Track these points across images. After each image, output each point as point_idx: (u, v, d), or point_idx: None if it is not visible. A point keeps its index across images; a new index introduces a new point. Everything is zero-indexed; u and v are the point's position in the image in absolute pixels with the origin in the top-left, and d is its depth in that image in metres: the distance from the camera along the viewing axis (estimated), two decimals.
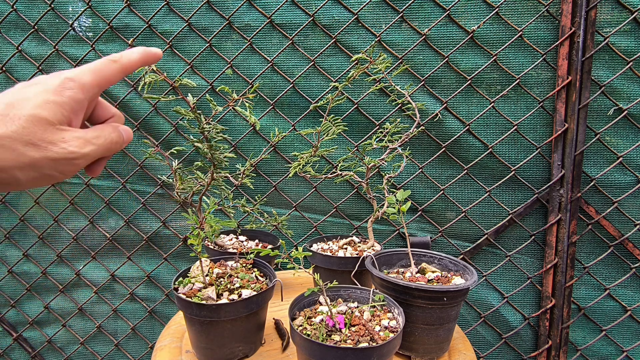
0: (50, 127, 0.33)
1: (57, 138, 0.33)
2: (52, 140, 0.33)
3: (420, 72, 1.13)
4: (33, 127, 0.32)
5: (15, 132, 0.31)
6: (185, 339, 0.79)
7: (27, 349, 1.38)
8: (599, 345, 1.20)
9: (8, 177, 0.32)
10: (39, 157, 0.32)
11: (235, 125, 1.22)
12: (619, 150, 1.11)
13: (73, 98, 0.34)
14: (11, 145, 0.31)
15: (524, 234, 1.18)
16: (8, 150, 0.31)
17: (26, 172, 0.32)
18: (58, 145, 0.33)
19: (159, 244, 1.30)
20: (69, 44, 1.21)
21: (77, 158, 0.34)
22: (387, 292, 0.72)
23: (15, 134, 0.31)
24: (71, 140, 0.34)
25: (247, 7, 1.16)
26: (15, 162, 0.31)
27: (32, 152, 0.32)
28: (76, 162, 0.34)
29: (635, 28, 1.05)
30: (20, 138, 0.31)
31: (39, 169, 0.33)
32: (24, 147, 0.31)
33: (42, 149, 0.32)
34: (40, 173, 0.33)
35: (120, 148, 0.40)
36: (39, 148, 0.32)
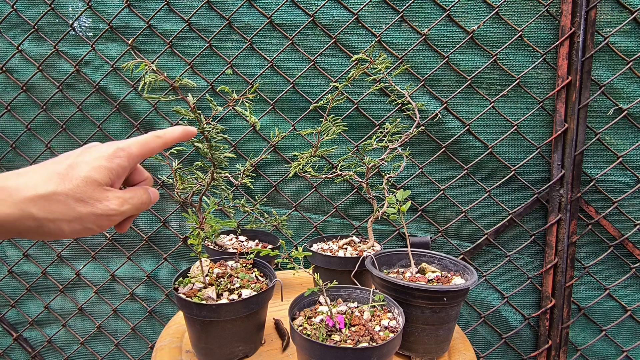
0: (99, 188, 0.39)
1: (102, 196, 0.39)
2: (98, 199, 0.39)
3: (420, 72, 1.13)
4: (86, 187, 0.38)
5: (71, 189, 0.37)
6: (185, 339, 0.79)
7: (27, 349, 1.38)
8: (599, 345, 1.21)
9: (55, 228, 0.37)
10: (85, 212, 0.38)
11: (235, 125, 1.22)
12: (619, 150, 1.11)
13: (121, 165, 0.41)
14: (65, 201, 0.37)
15: (524, 234, 1.18)
16: (61, 205, 0.36)
17: (72, 224, 0.37)
18: (102, 202, 0.39)
19: (159, 244, 1.30)
20: (69, 44, 1.21)
21: (115, 215, 0.40)
22: (387, 292, 0.72)
23: (71, 192, 0.37)
24: (113, 199, 0.40)
25: (247, 7, 1.16)
26: (64, 215, 0.37)
27: (81, 207, 0.37)
28: (113, 218, 0.40)
29: (635, 28, 1.05)
30: (74, 195, 0.37)
31: (83, 223, 0.38)
32: (75, 203, 0.37)
33: (90, 205, 0.38)
34: (83, 226, 0.38)
35: (148, 208, 0.46)
36: (87, 204, 0.38)
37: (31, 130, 1.26)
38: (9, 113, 1.26)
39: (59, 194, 0.36)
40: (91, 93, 1.23)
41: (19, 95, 1.24)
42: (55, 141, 1.27)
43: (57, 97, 1.24)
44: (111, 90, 1.22)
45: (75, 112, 1.24)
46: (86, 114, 1.24)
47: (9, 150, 1.27)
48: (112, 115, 1.24)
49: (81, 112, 1.24)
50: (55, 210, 0.36)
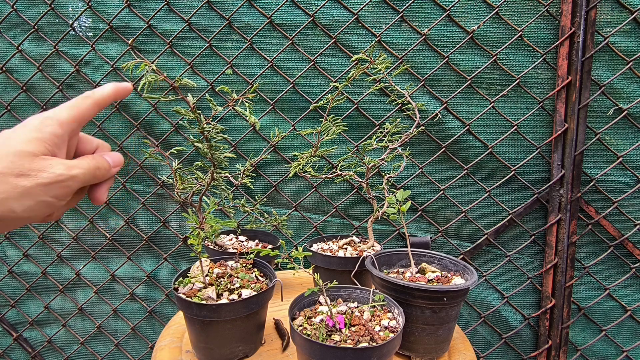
0: (36, 158, 0.36)
1: (44, 165, 0.36)
2: (40, 168, 0.36)
3: (420, 72, 1.13)
4: (21, 160, 0.35)
5: (6, 167, 0.35)
6: (185, 339, 0.79)
7: (27, 349, 1.38)
8: (599, 345, 1.21)
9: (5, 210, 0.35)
10: (30, 185, 0.35)
11: (235, 125, 1.22)
12: (619, 150, 1.11)
13: (52, 133, 0.38)
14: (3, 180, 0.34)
15: (524, 234, 1.18)
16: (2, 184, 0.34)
17: (21, 201, 0.35)
18: (46, 171, 0.36)
19: (159, 244, 1.30)
20: (69, 44, 1.21)
21: (66, 180, 0.37)
22: (387, 292, 0.72)
23: (6, 169, 0.35)
24: (57, 165, 0.37)
25: (247, 7, 1.16)
26: (9, 194, 0.35)
27: (24, 181, 0.35)
28: (66, 184, 0.38)
29: (635, 28, 1.05)
30: (11, 172, 0.35)
31: (33, 197, 0.36)
32: (16, 179, 0.35)
33: (33, 177, 0.36)
34: (35, 200, 0.36)
35: (109, 173, 0.44)
36: (29, 177, 0.35)
37: None
38: (9, 113, 1.26)
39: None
40: None
41: (19, 95, 1.24)
42: None
43: (57, 97, 1.24)
44: None
45: None
46: None
47: None
48: (112, 115, 1.24)
49: None
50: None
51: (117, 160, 0.44)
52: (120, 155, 0.45)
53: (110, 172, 0.44)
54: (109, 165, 0.43)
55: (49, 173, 0.36)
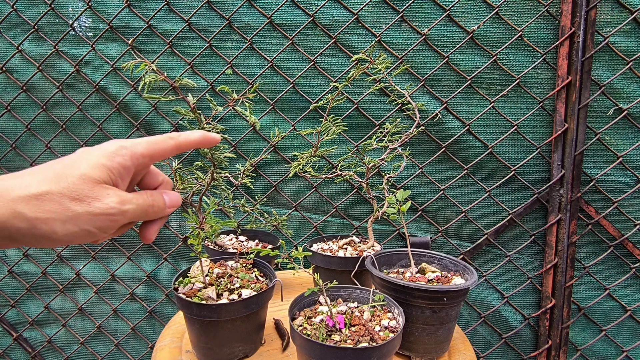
0: (97, 186, 0.36)
1: (100, 194, 0.36)
2: (96, 196, 0.36)
3: (420, 72, 1.13)
4: (82, 185, 0.35)
5: (65, 188, 0.34)
6: (185, 339, 0.79)
7: (27, 349, 1.38)
8: (599, 345, 1.21)
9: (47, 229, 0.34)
10: (81, 212, 0.35)
11: (235, 125, 1.22)
12: (619, 150, 1.11)
13: (122, 164, 0.38)
14: (59, 200, 0.34)
15: (524, 234, 1.18)
16: (55, 204, 0.34)
17: (66, 225, 0.35)
18: (100, 200, 0.36)
19: (159, 244, 1.30)
20: (69, 44, 1.21)
21: (116, 214, 0.37)
22: (387, 292, 0.72)
23: (65, 190, 0.34)
24: (112, 197, 0.37)
25: (247, 7, 1.16)
26: (57, 215, 0.34)
27: (76, 206, 0.35)
28: (114, 218, 0.37)
29: (635, 28, 1.05)
30: (69, 194, 0.35)
31: (78, 223, 0.35)
32: (70, 202, 0.34)
33: (86, 204, 0.35)
34: (79, 227, 0.35)
35: (164, 213, 0.42)
36: (82, 203, 0.35)
37: (31, 130, 1.26)
38: (9, 113, 1.26)
39: (53, 193, 0.34)
40: (91, 93, 1.23)
41: (19, 95, 1.24)
42: (55, 141, 1.27)
43: (57, 97, 1.24)
44: (111, 90, 1.22)
45: (75, 112, 1.24)
46: (86, 114, 1.25)
47: (9, 150, 1.27)
48: (112, 115, 1.24)
49: (81, 112, 1.24)
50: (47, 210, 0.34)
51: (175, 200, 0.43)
52: (179, 196, 0.44)
53: (165, 212, 0.42)
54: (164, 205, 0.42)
55: (102, 203, 0.36)
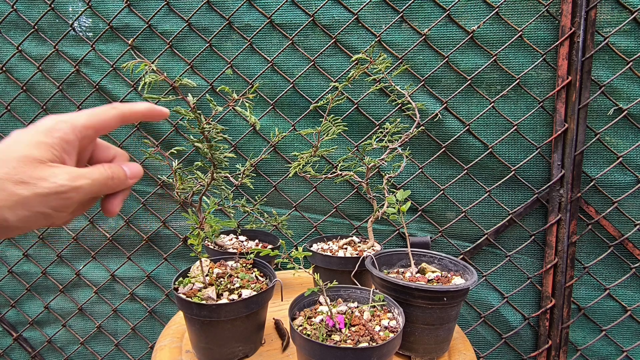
0: (40, 165, 0.34)
1: (47, 174, 0.34)
2: (41, 176, 0.33)
3: (420, 72, 1.13)
4: (24, 167, 0.33)
5: (6, 173, 0.32)
6: (185, 339, 0.79)
7: (27, 349, 1.38)
8: (599, 345, 1.20)
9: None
10: (28, 194, 0.33)
11: (235, 125, 1.22)
12: (619, 150, 1.11)
13: (63, 138, 0.36)
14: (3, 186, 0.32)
15: (524, 234, 1.18)
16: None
17: (16, 211, 0.32)
18: (48, 180, 0.33)
19: (159, 244, 1.30)
20: (69, 44, 1.21)
21: (67, 191, 0.34)
22: (387, 292, 0.72)
23: (7, 175, 0.32)
24: (61, 175, 0.34)
25: (247, 7, 1.16)
26: (4, 202, 0.32)
27: (22, 189, 0.32)
28: (67, 196, 0.35)
29: (635, 28, 1.05)
30: (11, 178, 0.32)
31: (29, 207, 0.33)
32: (14, 186, 0.32)
33: (32, 186, 0.33)
34: (31, 211, 0.33)
35: (124, 184, 0.40)
36: (28, 185, 0.33)
37: None
38: (9, 113, 1.26)
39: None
40: (91, 93, 1.23)
41: (19, 95, 1.24)
42: None
43: (57, 97, 1.24)
44: (111, 90, 1.22)
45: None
46: None
47: None
48: None
49: None
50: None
51: (135, 171, 0.41)
52: (140, 167, 0.42)
53: (127, 182, 0.40)
54: (126, 176, 0.40)
55: (50, 183, 0.33)
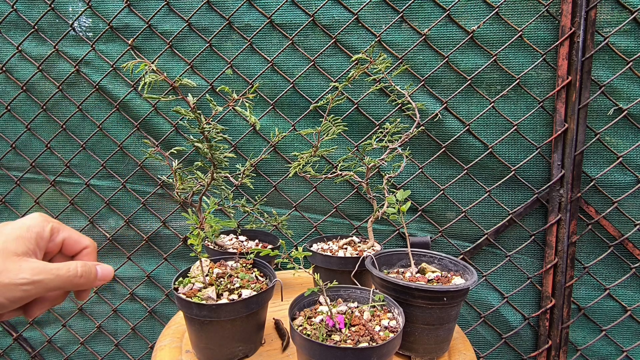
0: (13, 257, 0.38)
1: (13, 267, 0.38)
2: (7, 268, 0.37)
3: (420, 72, 1.13)
4: None
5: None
6: (185, 339, 0.79)
7: (27, 349, 1.38)
8: (599, 345, 1.21)
9: None
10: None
11: (235, 125, 1.22)
12: (619, 150, 1.11)
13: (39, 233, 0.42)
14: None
15: (524, 234, 1.18)
16: None
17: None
18: (11, 272, 0.37)
19: (159, 244, 1.30)
20: (69, 44, 1.21)
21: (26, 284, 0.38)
22: (387, 292, 0.72)
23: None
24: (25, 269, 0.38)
25: (247, 7, 1.16)
26: None
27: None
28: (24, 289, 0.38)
29: (635, 28, 1.05)
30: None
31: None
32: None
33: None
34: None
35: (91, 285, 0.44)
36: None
37: (31, 130, 1.26)
38: (9, 113, 1.26)
39: None
40: (91, 93, 1.23)
41: (19, 95, 1.24)
42: (55, 141, 1.27)
43: (57, 97, 1.24)
44: (111, 90, 1.22)
45: (75, 112, 1.24)
46: (86, 114, 1.25)
47: (9, 150, 1.27)
48: (112, 115, 1.24)
49: (81, 112, 1.24)
50: None
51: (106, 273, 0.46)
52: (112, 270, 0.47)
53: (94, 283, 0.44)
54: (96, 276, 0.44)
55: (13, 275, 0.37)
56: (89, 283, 0.44)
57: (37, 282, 0.39)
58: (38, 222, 0.42)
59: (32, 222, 0.42)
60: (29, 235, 0.41)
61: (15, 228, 0.40)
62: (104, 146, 1.26)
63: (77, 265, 0.42)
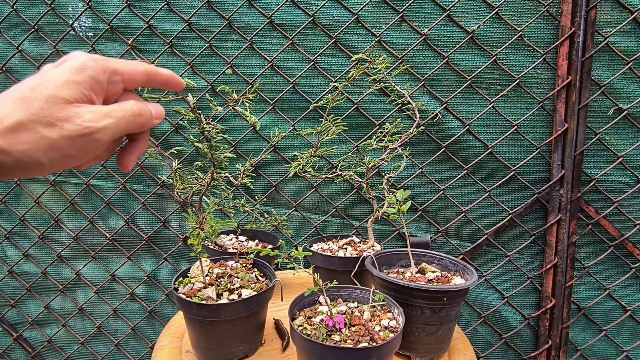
0: (67, 105, 0.33)
1: (71, 114, 0.33)
2: (66, 118, 0.33)
3: (420, 72, 1.13)
4: (51, 107, 0.32)
5: (35, 114, 0.32)
6: (185, 339, 0.79)
7: (27, 349, 1.38)
8: (599, 345, 1.20)
9: (31, 161, 0.32)
10: (56, 137, 0.32)
11: (235, 125, 1.22)
12: (619, 150, 1.11)
13: (93, 77, 0.35)
14: (34, 128, 0.31)
15: (524, 234, 1.18)
16: (31, 133, 0.31)
17: (48, 153, 0.32)
18: (72, 121, 0.33)
19: (159, 244, 1.30)
20: (69, 44, 1.21)
21: (94, 132, 0.34)
22: (387, 292, 0.72)
23: (35, 116, 0.32)
24: (85, 115, 0.33)
25: (247, 7, 1.16)
26: (36, 145, 0.32)
27: (51, 132, 0.32)
28: (94, 137, 0.34)
29: (635, 28, 1.05)
30: (40, 120, 0.32)
31: (59, 150, 0.33)
32: (44, 129, 0.32)
33: (59, 128, 0.32)
34: (61, 154, 0.33)
35: (149, 124, 0.39)
36: (55, 127, 0.32)
37: None
38: None
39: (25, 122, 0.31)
40: None
41: None
42: None
43: None
44: None
45: None
46: None
47: None
48: None
49: None
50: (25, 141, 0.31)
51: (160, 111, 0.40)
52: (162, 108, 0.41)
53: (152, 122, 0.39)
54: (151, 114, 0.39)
55: (75, 125, 0.33)
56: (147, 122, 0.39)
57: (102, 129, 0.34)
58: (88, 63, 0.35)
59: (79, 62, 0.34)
60: (81, 79, 0.34)
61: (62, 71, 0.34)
62: None
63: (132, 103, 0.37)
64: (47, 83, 0.33)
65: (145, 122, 0.38)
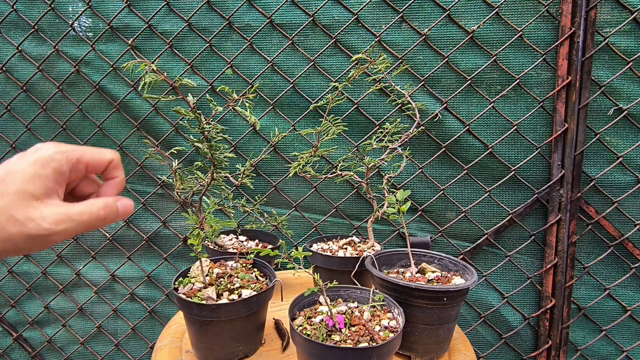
0: (34, 202, 0.35)
1: (36, 214, 0.34)
2: (31, 217, 0.34)
3: (420, 72, 1.13)
4: (19, 202, 0.34)
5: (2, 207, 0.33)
6: (185, 339, 0.79)
7: (27, 349, 1.38)
8: (599, 345, 1.21)
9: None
10: (15, 233, 0.34)
11: (235, 125, 1.22)
12: (619, 150, 1.11)
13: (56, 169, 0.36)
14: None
15: (524, 234, 1.18)
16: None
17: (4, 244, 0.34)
18: (35, 221, 0.34)
19: (159, 244, 1.30)
20: (69, 44, 1.21)
21: (52, 234, 0.35)
22: (387, 292, 0.72)
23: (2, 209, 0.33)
24: (49, 217, 0.35)
25: (247, 7, 1.16)
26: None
27: (11, 227, 0.33)
28: (50, 239, 0.35)
29: (635, 28, 1.05)
30: (5, 213, 0.33)
31: (14, 243, 0.34)
32: (6, 222, 0.33)
33: (20, 225, 0.34)
34: (15, 247, 0.34)
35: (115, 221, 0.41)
36: (17, 223, 0.34)
37: (31, 130, 1.26)
38: (9, 113, 1.26)
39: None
40: (91, 93, 1.23)
41: (19, 95, 1.24)
42: (56, 141, 1.26)
43: (57, 97, 1.24)
44: (111, 90, 1.22)
45: (75, 112, 1.24)
46: (86, 114, 1.25)
47: (9, 150, 1.27)
48: (112, 115, 1.24)
49: (81, 112, 1.24)
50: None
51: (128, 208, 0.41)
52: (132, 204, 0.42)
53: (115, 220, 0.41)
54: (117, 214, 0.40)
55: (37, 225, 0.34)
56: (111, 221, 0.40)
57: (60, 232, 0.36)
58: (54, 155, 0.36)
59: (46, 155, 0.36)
60: (46, 173, 0.35)
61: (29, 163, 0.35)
62: (104, 146, 1.24)
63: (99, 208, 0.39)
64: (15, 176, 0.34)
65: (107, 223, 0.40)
